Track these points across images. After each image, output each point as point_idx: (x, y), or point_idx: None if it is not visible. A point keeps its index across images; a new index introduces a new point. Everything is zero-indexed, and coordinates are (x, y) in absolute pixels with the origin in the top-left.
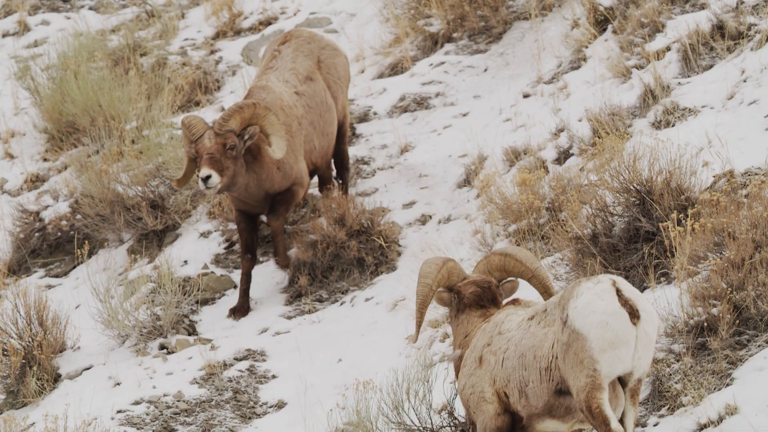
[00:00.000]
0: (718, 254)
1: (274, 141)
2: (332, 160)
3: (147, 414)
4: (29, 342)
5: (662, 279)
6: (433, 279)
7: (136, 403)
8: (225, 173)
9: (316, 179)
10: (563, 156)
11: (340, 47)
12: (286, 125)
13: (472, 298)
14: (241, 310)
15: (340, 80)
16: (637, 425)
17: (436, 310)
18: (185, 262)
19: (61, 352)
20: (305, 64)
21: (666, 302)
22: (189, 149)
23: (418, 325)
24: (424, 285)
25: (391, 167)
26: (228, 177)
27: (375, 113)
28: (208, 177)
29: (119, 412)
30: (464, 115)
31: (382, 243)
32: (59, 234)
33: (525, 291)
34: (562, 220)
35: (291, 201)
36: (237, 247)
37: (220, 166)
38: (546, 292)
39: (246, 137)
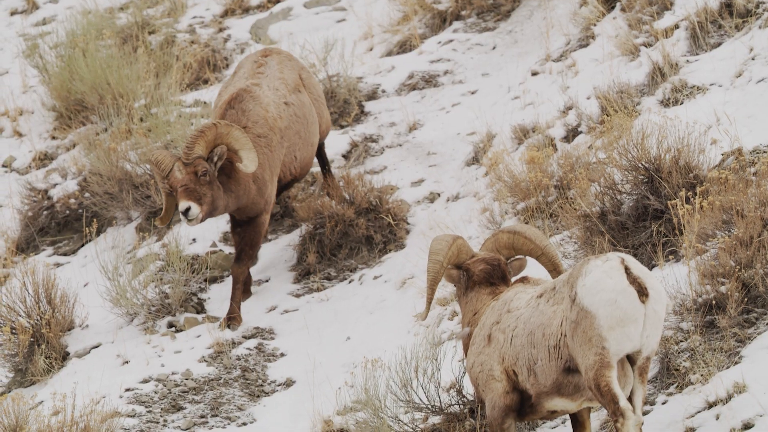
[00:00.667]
0: (726, 232)
1: (244, 155)
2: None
3: (155, 392)
4: (37, 320)
5: (671, 257)
6: (444, 256)
7: (145, 381)
8: (203, 201)
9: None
10: (572, 134)
11: (310, 71)
12: (266, 139)
13: (482, 275)
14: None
15: (321, 97)
16: (645, 403)
17: (445, 288)
18: (193, 240)
19: (69, 330)
20: (292, 76)
21: (674, 280)
22: (163, 185)
23: (429, 302)
24: (435, 262)
25: (400, 145)
26: (207, 204)
27: (383, 91)
28: (188, 209)
29: (127, 390)
30: (472, 93)
31: (391, 221)
32: (67, 212)
33: (534, 269)
34: (571, 198)
35: (257, 239)
36: None
37: (197, 195)
38: (555, 270)
39: (215, 159)
